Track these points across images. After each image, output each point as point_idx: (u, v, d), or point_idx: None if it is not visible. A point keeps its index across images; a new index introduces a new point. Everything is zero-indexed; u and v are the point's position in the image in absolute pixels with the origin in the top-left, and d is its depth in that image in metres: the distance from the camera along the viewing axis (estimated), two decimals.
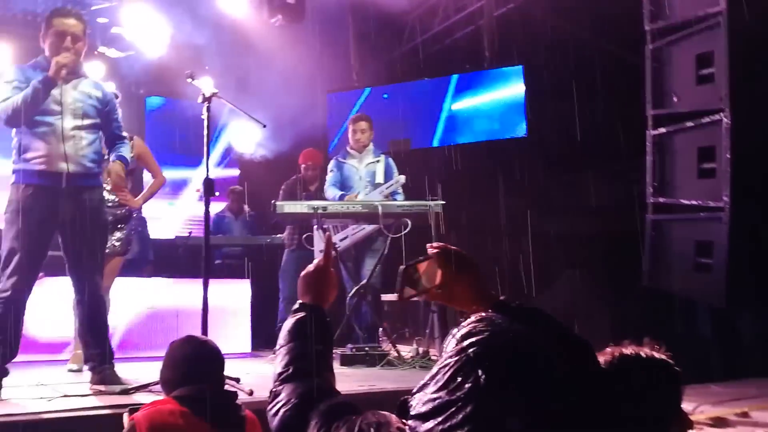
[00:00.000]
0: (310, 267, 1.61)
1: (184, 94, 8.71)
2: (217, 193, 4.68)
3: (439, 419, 1.06)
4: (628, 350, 1.49)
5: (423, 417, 1.10)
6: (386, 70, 8.80)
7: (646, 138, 5.51)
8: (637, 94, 5.62)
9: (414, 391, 1.15)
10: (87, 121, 3.77)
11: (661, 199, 5.46)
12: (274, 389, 1.40)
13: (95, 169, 3.83)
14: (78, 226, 3.71)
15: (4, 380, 3.56)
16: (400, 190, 5.67)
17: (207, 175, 3.96)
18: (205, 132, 3.99)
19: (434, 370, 1.13)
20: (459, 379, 1.07)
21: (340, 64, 8.67)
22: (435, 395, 1.10)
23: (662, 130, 5.46)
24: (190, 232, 7.53)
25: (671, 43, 5.39)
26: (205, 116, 3.98)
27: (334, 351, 4.57)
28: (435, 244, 1.58)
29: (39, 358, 5.04)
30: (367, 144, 5.88)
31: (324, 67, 8.09)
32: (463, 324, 1.15)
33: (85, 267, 3.77)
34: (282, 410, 1.34)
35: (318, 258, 1.63)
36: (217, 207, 8.17)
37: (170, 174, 9.27)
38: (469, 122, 7.95)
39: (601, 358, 1.48)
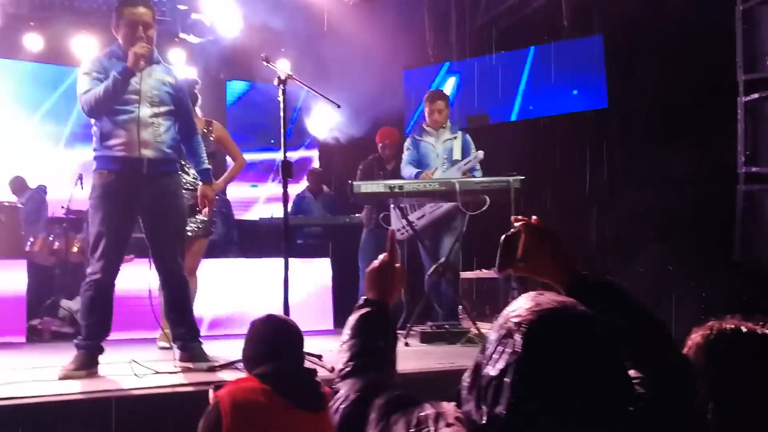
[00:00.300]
0: (375, 263, 1.60)
1: (264, 77, 8.88)
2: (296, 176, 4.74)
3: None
4: (728, 324, 1.43)
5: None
6: (462, 45, 8.67)
7: (736, 105, 5.24)
8: (726, 59, 5.34)
9: (464, 376, 1.13)
10: (163, 108, 3.87)
11: (753, 169, 5.20)
12: (335, 386, 1.41)
13: (173, 154, 3.95)
14: (158, 211, 3.85)
15: (100, 357, 3.75)
16: (478, 167, 5.58)
17: (284, 156, 4.01)
18: (282, 114, 4.04)
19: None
20: (498, 362, 1.03)
21: (416, 40, 8.59)
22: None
23: (755, 95, 5.18)
24: (271, 214, 7.68)
25: (763, 2, 5.09)
26: (281, 98, 4.02)
27: (414, 328, 4.60)
28: (519, 217, 1.56)
29: (131, 336, 5.27)
30: (444, 122, 5.81)
31: (400, 45, 8.04)
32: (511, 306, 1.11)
33: (167, 249, 3.90)
34: (342, 406, 1.34)
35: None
36: (298, 188, 8.31)
37: (252, 156, 9.49)
38: (548, 95, 7.76)
39: (699, 333, 1.42)
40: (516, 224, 1.55)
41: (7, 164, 8.57)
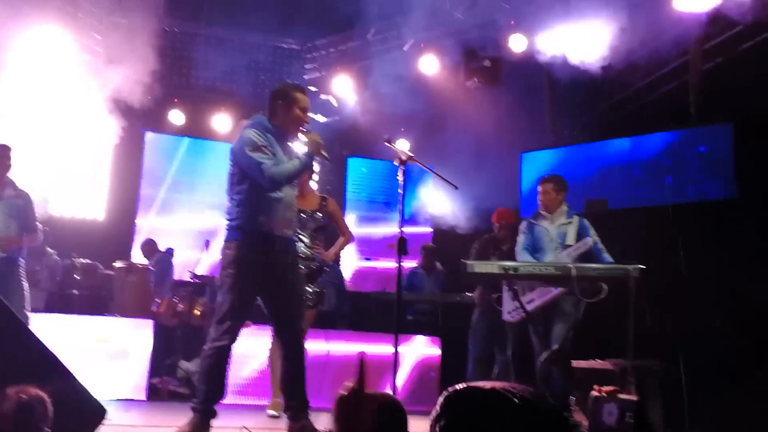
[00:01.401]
0: (343, 391, 1.51)
1: (383, 154, 9.16)
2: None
3: None
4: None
5: None
6: (583, 129, 8.62)
7: None
8: None
9: None
10: (297, 190, 4.17)
11: None
12: None
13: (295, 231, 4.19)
14: (285, 281, 3.99)
15: (213, 421, 3.86)
16: (606, 252, 5.43)
17: (401, 232, 4.08)
18: (400, 192, 4.14)
19: None
20: None
21: (535, 123, 8.63)
22: None
23: None
24: (383, 288, 7.77)
25: None
26: (400, 178, 4.12)
27: None
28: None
29: (243, 402, 5.41)
30: (556, 205, 5.71)
31: (519, 128, 8.10)
32: None
33: (291, 319, 4.03)
34: None
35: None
36: (410, 263, 8.38)
37: (368, 231, 9.71)
38: (674, 182, 7.52)
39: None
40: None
41: (144, 228, 9.19)
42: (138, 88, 8.33)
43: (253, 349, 5.81)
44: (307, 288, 4.97)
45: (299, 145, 4.12)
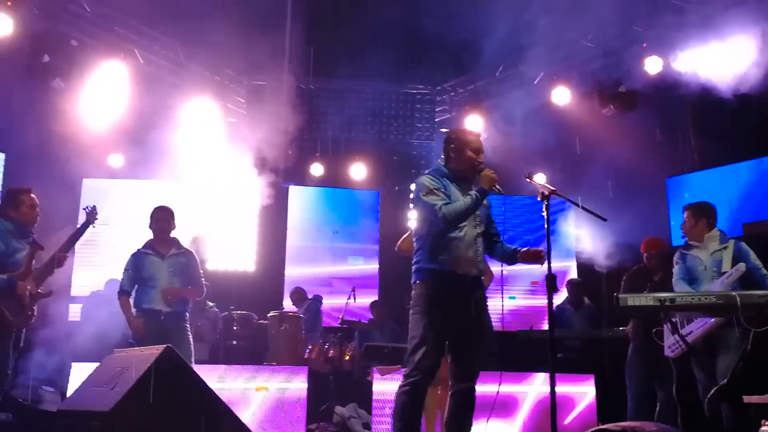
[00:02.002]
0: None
1: (520, 190, 9.08)
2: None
3: None
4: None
5: None
6: (731, 148, 8.16)
7: None
8: None
9: None
10: (481, 229, 4.18)
11: None
12: None
13: (482, 272, 4.19)
14: (471, 326, 4.04)
15: None
16: None
17: (549, 270, 4.02)
18: (546, 227, 4.07)
19: None
20: None
21: (678, 146, 8.28)
22: None
23: None
24: (530, 326, 7.64)
25: None
26: (545, 213, 4.08)
27: None
28: None
29: None
30: (698, 233, 5.39)
31: (661, 152, 7.80)
32: None
33: (471, 361, 4.07)
34: None
35: None
36: (557, 300, 8.20)
37: (511, 268, 9.60)
38: None
39: None
40: None
41: (291, 277, 9.58)
42: (279, 144, 8.81)
43: None
44: None
45: None
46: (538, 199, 4.12)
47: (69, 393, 5.82)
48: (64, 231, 6.06)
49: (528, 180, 4.29)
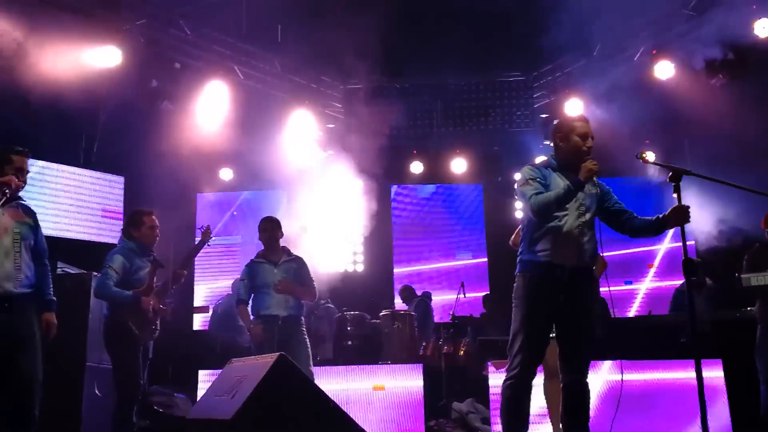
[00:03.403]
0: None
1: (630, 171, 8.78)
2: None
3: None
4: None
5: None
6: None
7: None
8: None
9: None
10: (588, 216, 4.02)
11: None
12: None
13: (591, 264, 4.04)
14: (574, 318, 3.94)
15: None
16: None
17: (685, 254, 3.82)
18: (680, 208, 3.80)
19: None
20: None
21: None
22: None
23: None
24: (649, 311, 7.38)
25: None
26: (676, 195, 3.84)
27: None
28: None
29: None
30: None
31: None
32: None
33: (574, 355, 3.97)
34: None
35: None
36: (672, 282, 7.88)
37: (625, 252, 9.30)
38: None
39: None
40: None
41: (399, 275, 9.68)
42: (378, 145, 8.92)
43: None
44: None
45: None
46: (668, 180, 3.87)
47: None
48: (182, 247, 6.39)
49: (642, 160, 4.10)
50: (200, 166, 8.63)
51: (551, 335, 4.00)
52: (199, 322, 9.67)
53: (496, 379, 5.94)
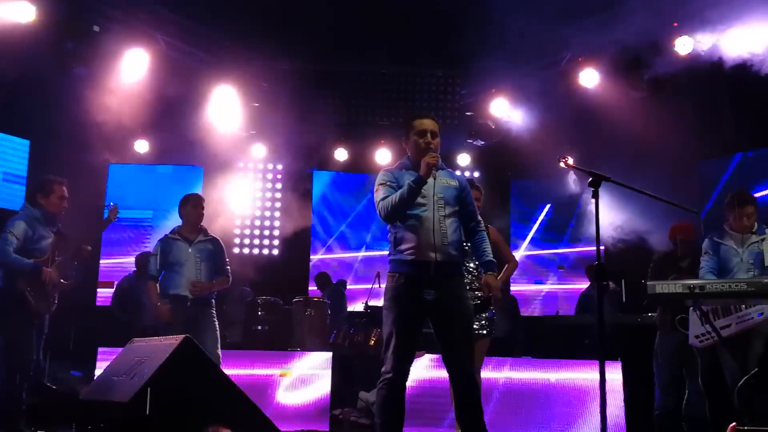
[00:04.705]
0: None
1: (551, 174, 8.95)
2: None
3: None
4: None
5: None
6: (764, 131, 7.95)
7: None
8: None
9: None
10: (449, 210, 4.03)
11: None
12: None
13: (458, 256, 4.06)
14: (445, 312, 3.95)
15: None
16: None
17: (598, 259, 3.87)
18: (596, 213, 3.84)
19: None
20: None
21: (710, 129, 8.06)
22: None
23: None
24: (556, 311, 7.56)
25: None
26: (592, 200, 3.86)
27: None
28: None
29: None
30: (753, 226, 5.22)
31: (693, 134, 7.60)
32: None
33: (455, 350, 3.98)
34: None
35: None
36: (582, 285, 8.10)
37: (536, 252, 9.52)
38: None
39: None
40: None
41: (315, 262, 9.58)
42: (302, 129, 8.77)
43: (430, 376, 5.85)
44: (480, 317, 4.91)
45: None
46: (588, 185, 3.90)
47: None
48: (89, 219, 6.09)
49: (562, 164, 4.14)
50: (114, 136, 8.26)
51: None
52: (102, 297, 9.30)
53: None
